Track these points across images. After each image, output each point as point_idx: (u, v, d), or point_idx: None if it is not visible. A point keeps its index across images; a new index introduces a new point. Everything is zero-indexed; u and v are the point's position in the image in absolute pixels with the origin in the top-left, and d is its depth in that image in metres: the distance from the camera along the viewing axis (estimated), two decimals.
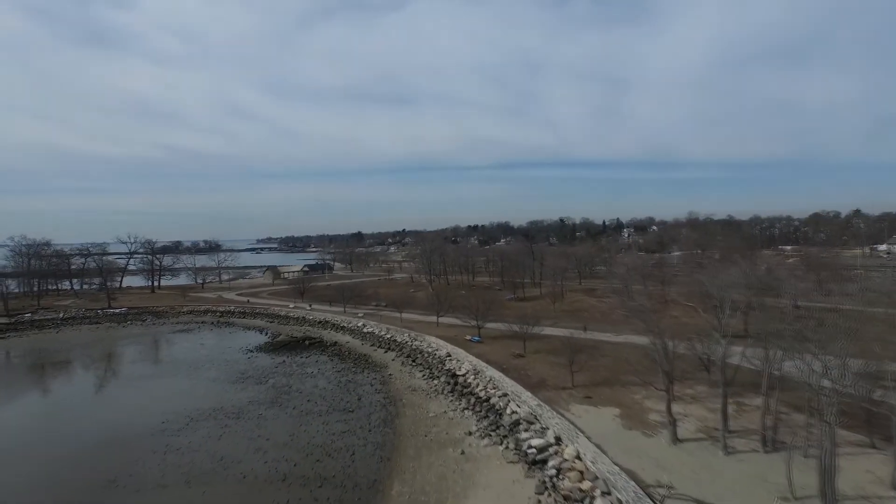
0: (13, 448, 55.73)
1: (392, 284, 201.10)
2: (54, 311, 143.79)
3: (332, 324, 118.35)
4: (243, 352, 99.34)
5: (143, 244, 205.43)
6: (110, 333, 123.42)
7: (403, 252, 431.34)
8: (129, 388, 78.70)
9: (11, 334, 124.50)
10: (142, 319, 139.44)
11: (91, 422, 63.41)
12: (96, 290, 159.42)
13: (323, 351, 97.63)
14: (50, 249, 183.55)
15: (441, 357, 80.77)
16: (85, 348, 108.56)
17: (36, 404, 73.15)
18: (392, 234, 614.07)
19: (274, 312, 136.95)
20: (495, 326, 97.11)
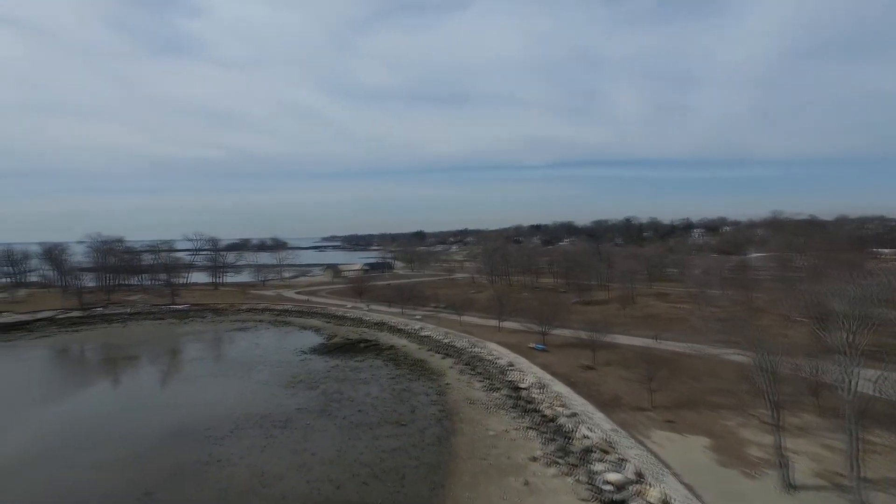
0: (57, 449, 54.48)
1: (452, 285, 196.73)
2: (123, 306, 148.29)
3: (389, 326, 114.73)
4: (297, 353, 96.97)
5: (208, 242, 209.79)
6: (171, 330, 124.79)
7: (465, 251, 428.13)
8: (181, 388, 77.71)
9: (84, 327, 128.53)
10: (202, 316, 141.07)
11: (139, 424, 61.74)
12: (162, 286, 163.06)
13: (378, 355, 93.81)
14: (122, 246, 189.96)
15: (502, 366, 74.95)
16: (146, 345, 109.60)
17: (89, 403, 72.85)
18: (453, 234, 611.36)
19: (331, 312, 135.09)
20: (560, 333, 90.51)
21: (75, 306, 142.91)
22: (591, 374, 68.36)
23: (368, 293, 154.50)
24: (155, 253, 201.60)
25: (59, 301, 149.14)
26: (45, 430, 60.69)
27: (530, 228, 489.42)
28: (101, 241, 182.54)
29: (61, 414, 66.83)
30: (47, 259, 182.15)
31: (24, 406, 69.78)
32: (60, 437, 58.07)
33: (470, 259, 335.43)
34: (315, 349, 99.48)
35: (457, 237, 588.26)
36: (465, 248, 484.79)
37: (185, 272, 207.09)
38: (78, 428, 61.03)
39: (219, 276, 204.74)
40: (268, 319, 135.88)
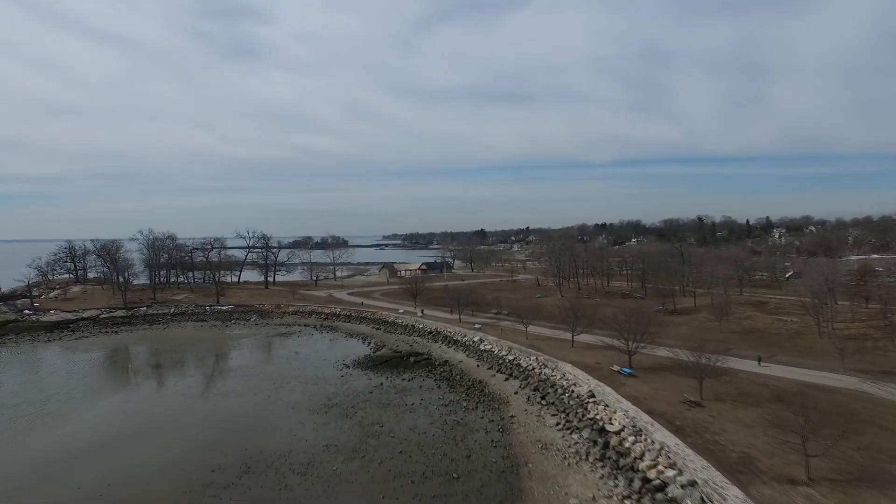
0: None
1: (515, 287, 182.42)
2: (167, 306, 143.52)
3: (444, 336, 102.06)
4: (338, 366, 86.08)
5: (260, 239, 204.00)
6: (210, 334, 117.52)
7: (527, 251, 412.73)
8: (194, 410, 67.75)
9: (124, 328, 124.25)
10: (246, 318, 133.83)
11: (122, 463, 51.41)
12: (209, 284, 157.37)
13: (430, 372, 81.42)
14: (172, 243, 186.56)
15: (581, 397, 60.42)
16: (178, 352, 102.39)
17: (75, 426, 63.16)
18: (515, 232, 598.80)
19: (381, 318, 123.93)
20: (649, 352, 75.01)
21: (120, 305, 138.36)
22: (700, 414, 52.86)
23: (424, 296, 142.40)
24: (206, 250, 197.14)
25: (106, 300, 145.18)
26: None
27: (595, 228, 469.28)
28: (153, 237, 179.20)
29: (61, 441, 57.63)
30: (102, 256, 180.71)
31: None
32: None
33: (533, 259, 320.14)
34: (359, 362, 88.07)
35: (518, 236, 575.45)
36: (526, 247, 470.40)
37: (237, 270, 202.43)
38: (43, 463, 51.39)
39: (270, 275, 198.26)
40: (313, 324, 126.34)
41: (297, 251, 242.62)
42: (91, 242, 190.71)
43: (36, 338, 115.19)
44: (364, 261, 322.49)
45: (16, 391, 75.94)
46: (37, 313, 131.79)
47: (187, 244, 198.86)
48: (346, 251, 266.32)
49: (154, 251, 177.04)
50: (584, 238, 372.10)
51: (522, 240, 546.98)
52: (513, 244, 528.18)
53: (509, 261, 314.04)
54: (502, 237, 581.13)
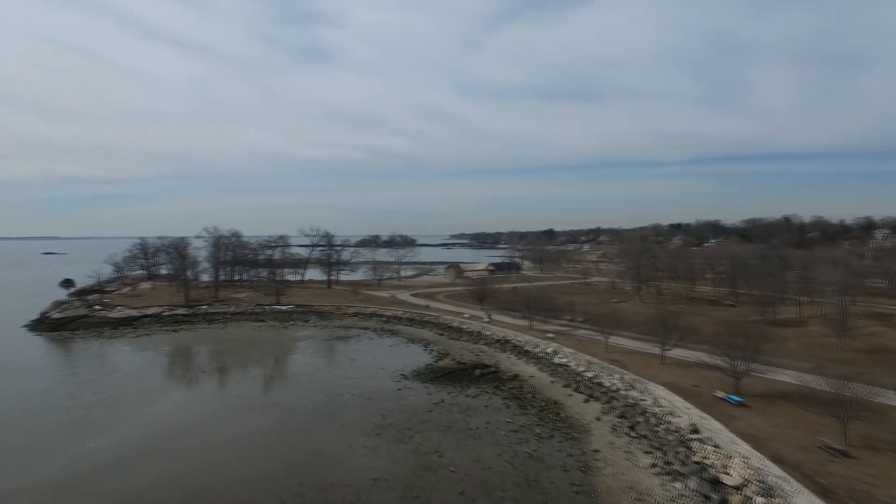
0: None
1: (588, 291, 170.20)
2: (227, 305, 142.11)
3: (514, 345, 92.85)
4: (396, 377, 78.69)
5: (323, 237, 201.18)
6: (268, 335, 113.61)
7: (599, 251, 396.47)
8: (239, 423, 62.04)
9: (184, 327, 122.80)
10: (305, 320, 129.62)
11: (150, 475, 45.33)
12: (271, 283, 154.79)
13: (498, 387, 72.43)
14: (236, 241, 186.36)
15: (681, 431, 49.72)
16: (234, 354, 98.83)
17: (122, 437, 58.31)
18: (585, 232, 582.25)
19: (445, 322, 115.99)
20: (760, 375, 62.70)
21: (182, 303, 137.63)
22: (851, 469, 41.09)
23: (491, 298, 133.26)
24: (270, 248, 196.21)
25: (170, 297, 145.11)
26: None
27: (670, 228, 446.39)
28: (217, 234, 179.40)
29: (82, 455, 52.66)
30: (170, 253, 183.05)
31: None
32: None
33: (605, 260, 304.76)
34: (418, 373, 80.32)
35: (589, 236, 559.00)
36: (597, 247, 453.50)
37: (301, 269, 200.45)
38: (71, 470, 45.96)
39: (334, 274, 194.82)
40: (373, 327, 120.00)
41: (361, 250, 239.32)
42: (159, 240, 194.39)
43: (101, 334, 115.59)
44: (430, 260, 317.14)
45: (70, 392, 73.37)
46: (105, 309, 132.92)
47: (251, 242, 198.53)
48: (411, 250, 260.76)
49: (218, 248, 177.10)
50: (658, 239, 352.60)
51: (593, 240, 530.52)
52: (583, 244, 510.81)
53: (580, 262, 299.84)
54: (571, 237, 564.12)
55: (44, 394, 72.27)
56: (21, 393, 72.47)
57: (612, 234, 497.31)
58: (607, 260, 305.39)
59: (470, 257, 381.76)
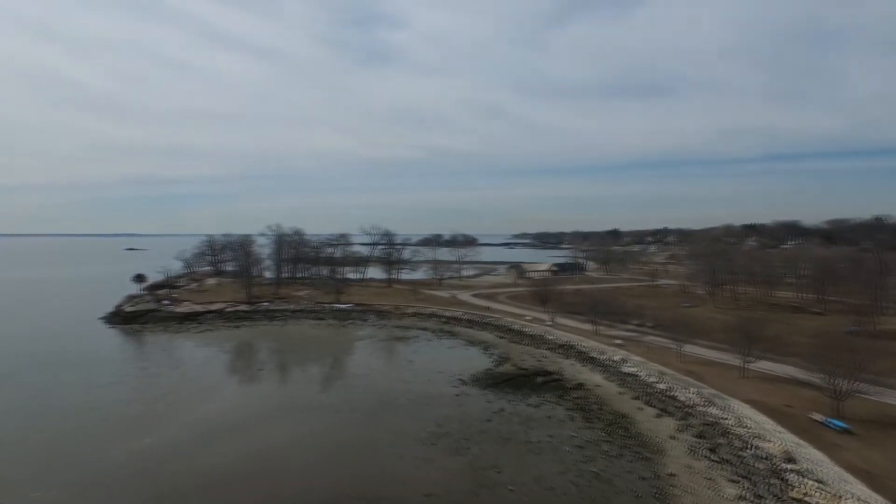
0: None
1: (657, 294, 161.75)
2: (288, 302, 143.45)
3: (578, 351, 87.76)
4: (453, 382, 75.48)
5: (384, 236, 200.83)
6: (326, 334, 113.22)
7: (666, 253, 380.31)
8: (288, 425, 60.59)
9: (245, 323, 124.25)
10: (363, 319, 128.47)
11: (188, 473, 43.95)
12: (331, 281, 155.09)
13: (561, 397, 67.86)
14: (298, 239, 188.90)
15: (773, 458, 44.00)
16: (291, 352, 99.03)
17: (169, 435, 57.84)
18: (651, 233, 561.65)
19: (506, 325, 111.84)
20: (866, 396, 55.41)
21: (244, 300, 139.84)
22: None
23: (554, 300, 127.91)
24: (331, 246, 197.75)
25: (233, 294, 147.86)
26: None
27: (743, 228, 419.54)
28: (280, 233, 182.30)
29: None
30: (235, 250, 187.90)
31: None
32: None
33: (673, 262, 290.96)
34: (477, 378, 76.67)
35: (655, 236, 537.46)
36: (664, 248, 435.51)
37: (361, 267, 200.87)
38: (111, 469, 45.09)
39: (394, 273, 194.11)
40: (432, 328, 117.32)
41: (421, 249, 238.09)
42: (224, 237, 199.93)
43: (168, 328, 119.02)
44: (491, 260, 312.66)
45: (135, 386, 75.01)
46: (172, 304, 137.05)
47: (313, 240, 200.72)
48: (472, 250, 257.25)
49: (280, 246, 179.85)
50: (731, 240, 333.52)
51: (659, 241, 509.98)
52: (649, 245, 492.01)
53: (647, 263, 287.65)
54: (637, 237, 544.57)
55: (110, 386, 74.13)
56: (91, 384, 74.86)
57: (680, 235, 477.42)
58: (675, 261, 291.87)
59: (532, 257, 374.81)
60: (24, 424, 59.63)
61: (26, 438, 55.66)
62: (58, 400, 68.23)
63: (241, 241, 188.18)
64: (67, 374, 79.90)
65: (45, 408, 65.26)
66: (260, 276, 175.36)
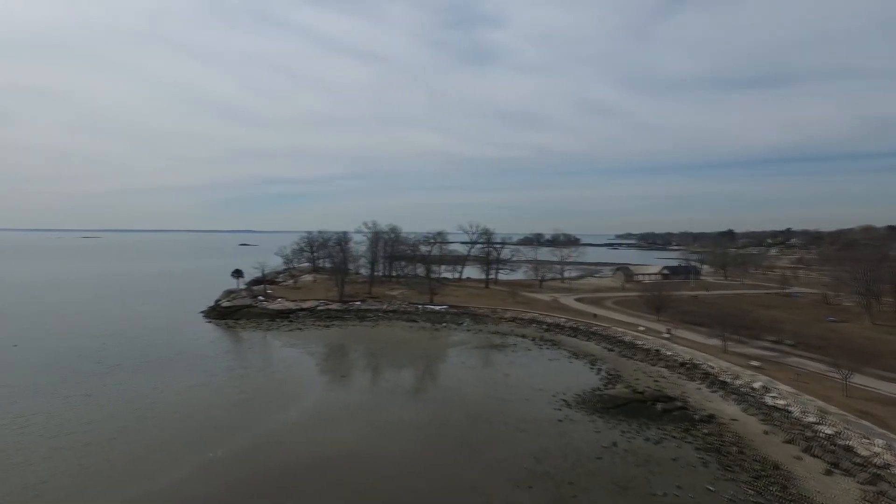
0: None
1: (790, 304, 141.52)
2: (380, 302, 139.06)
3: (704, 372, 74.53)
4: (556, 403, 65.71)
5: (482, 233, 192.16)
6: (418, 337, 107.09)
7: (790, 256, 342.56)
8: (362, 448, 53.23)
9: (335, 323, 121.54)
10: (458, 322, 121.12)
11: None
12: (425, 281, 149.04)
13: (688, 431, 55.90)
14: (393, 236, 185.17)
15: None
16: (380, 357, 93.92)
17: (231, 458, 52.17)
18: (771, 234, 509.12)
19: (615, 335, 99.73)
20: None
21: (336, 298, 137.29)
22: None
23: (669, 309, 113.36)
24: (427, 245, 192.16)
25: (325, 291, 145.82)
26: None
27: (887, 230, 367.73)
28: (376, 230, 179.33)
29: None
30: (331, 247, 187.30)
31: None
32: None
33: (802, 266, 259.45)
34: (583, 400, 66.21)
35: (776, 238, 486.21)
36: (787, 251, 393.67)
37: (458, 266, 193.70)
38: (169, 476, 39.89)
39: (492, 273, 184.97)
40: (532, 335, 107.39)
41: (521, 248, 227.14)
42: (320, 234, 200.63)
43: (260, 325, 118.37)
44: (595, 261, 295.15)
45: (218, 388, 72.38)
46: (267, 300, 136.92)
47: (409, 238, 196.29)
48: (575, 250, 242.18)
49: (376, 244, 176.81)
50: (869, 242, 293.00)
51: (782, 243, 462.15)
52: (769, 248, 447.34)
53: (773, 268, 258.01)
54: (755, 239, 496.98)
55: (192, 389, 71.41)
56: (175, 387, 72.12)
57: (808, 237, 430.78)
58: (804, 266, 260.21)
59: (638, 259, 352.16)
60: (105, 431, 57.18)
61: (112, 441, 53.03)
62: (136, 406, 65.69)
63: (337, 238, 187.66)
64: (156, 375, 77.95)
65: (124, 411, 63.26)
66: (356, 273, 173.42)
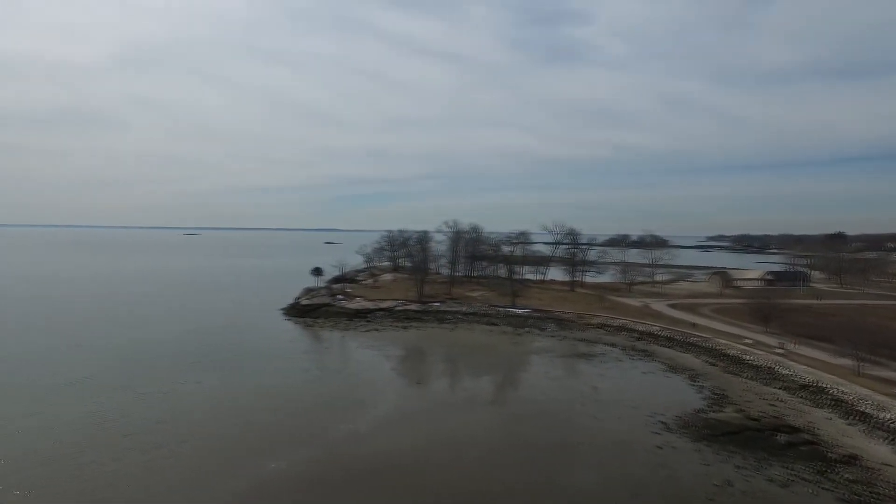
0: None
1: None
2: (460, 304, 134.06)
3: (835, 398, 63.48)
4: (653, 424, 57.76)
5: (567, 234, 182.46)
6: (498, 343, 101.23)
7: None
8: (431, 468, 47.58)
9: (413, 324, 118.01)
10: (541, 327, 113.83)
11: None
12: (507, 282, 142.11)
13: (823, 474, 46.48)
14: (474, 236, 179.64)
15: None
16: (458, 363, 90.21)
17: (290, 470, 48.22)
18: (890, 237, 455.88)
19: (717, 348, 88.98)
20: None
21: (415, 298, 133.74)
22: None
23: (779, 319, 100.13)
24: (509, 245, 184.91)
25: (404, 291, 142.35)
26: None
27: None
28: (456, 229, 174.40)
29: None
30: (411, 246, 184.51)
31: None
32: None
33: None
34: (686, 424, 57.56)
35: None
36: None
37: (542, 267, 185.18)
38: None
39: (577, 275, 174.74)
40: (622, 343, 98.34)
41: (609, 249, 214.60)
42: (400, 233, 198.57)
43: (337, 324, 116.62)
44: (686, 264, 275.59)
45: (290, 395, 69.61)
46: (345, 299, 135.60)
47: (491, 238, 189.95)
48: (666, 252, 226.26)
49: (456, 243, 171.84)
50: None
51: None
52: (892, 251, 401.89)
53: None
54: (870, 242, 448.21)
55: (271, 391, 69.10)
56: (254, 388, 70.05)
57: None
58: None
59: (733, 262, 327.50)
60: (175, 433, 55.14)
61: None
62: (209, 404, 64.14)
63: (417, 237, 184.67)
64: (232, 375, 76.33)
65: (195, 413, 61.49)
66: (436, 272, 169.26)
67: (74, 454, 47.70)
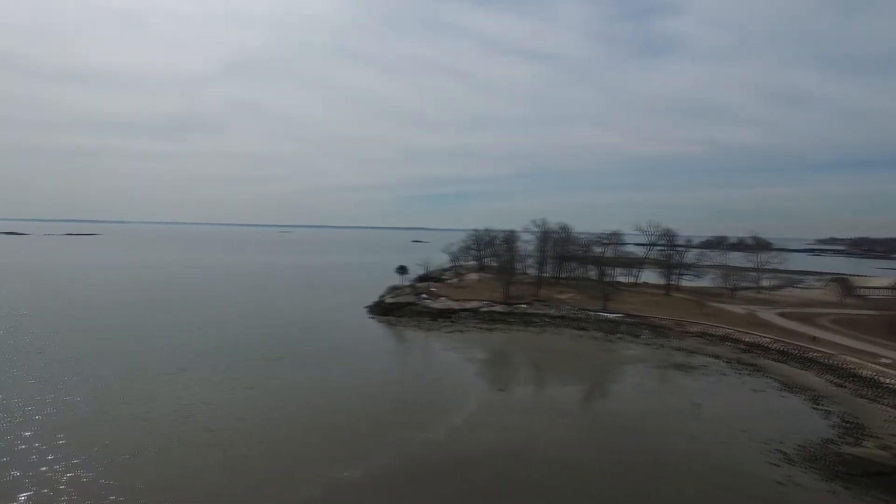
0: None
1: None
2: (548, 306, 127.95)
3: None
4: (771, 454, 49.83)
5: (663, 235, 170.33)
6: (588, 349, 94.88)
7: None
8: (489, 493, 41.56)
9: (499, 326, 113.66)
10: (635, 334, 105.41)
11: None
12: (598, 284, 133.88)
13: None
14: (564, 235, 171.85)
15: None
16: (544, 369, 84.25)
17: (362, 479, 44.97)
18: None
19: (844, 366, 77.38)
20: None
21: (501, 299, 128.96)
22: None
23: None
24: (600, 246, 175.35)
25: (490, 291, 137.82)
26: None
27: None
28: (545, 229, 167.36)
29: None
30: (498, 246, 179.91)
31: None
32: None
33: None
34: (812, 456, 48.92)
35: None
36: None
37: (635, 269, 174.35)
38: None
39: (674, 278, 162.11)
40: (726, 356, 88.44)
41: (708, 252, 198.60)
42: (487, 232, 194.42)
43: (421, 324, 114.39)
44: (794, 269, 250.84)
45: (364, 403, 67.55)
46: (430, 298, 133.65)
47: (580, 238, 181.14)
48: (774, 255, 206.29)
49: (545, 243, 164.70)
50: None
51: None
52: None
53: None
54: None
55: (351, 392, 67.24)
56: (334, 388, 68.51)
57: None
58: None
59: (850, 267, 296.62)
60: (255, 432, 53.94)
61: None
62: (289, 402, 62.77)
63: (504, 236, 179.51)
64: (315, 374, 74.68)
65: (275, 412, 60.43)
66: (523, 273, 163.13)
67: (160, 450, 47.22)
